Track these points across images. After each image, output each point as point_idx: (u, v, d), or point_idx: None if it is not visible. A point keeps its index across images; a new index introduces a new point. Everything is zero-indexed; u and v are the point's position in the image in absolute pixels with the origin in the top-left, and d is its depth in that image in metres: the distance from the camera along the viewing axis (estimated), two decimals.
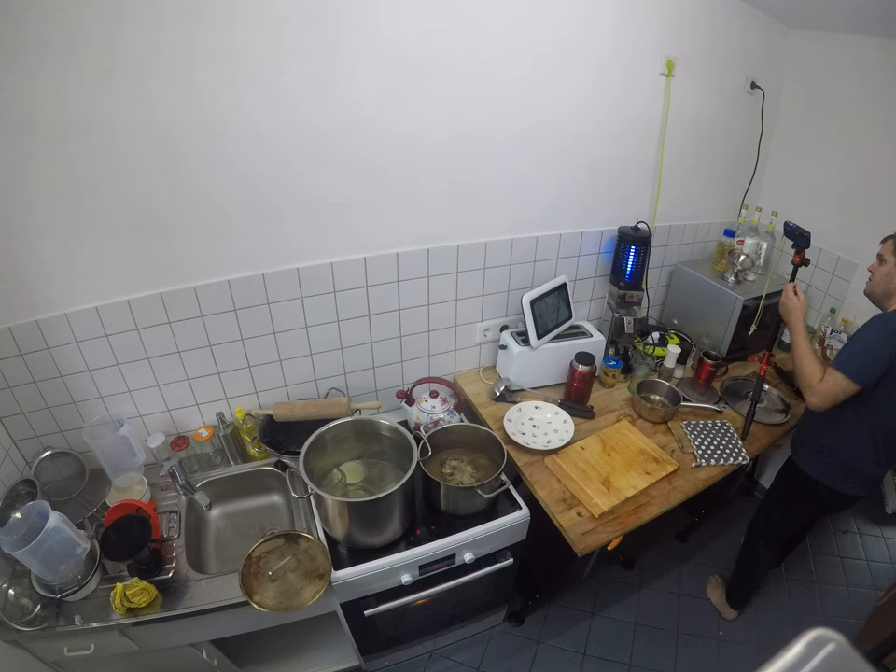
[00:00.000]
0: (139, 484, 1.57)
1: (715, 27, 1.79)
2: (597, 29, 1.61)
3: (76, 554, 1.28)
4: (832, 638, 0.32)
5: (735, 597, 2.05)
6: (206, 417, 1.74)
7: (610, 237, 2.00)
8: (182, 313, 1.51)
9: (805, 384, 1.45)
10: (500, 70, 1.53)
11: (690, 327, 2.23)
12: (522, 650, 1.98)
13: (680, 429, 1.79)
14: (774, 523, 1.83)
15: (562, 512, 1.48)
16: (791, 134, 2.11)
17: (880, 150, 1.85)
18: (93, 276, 1.39)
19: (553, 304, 1.88)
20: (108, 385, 1.56)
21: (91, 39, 1.13)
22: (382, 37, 1.36)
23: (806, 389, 1.44)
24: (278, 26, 1.25)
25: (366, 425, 1.58)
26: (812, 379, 1.42)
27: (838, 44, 1.86)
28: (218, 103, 1.28)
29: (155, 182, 1.32)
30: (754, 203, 2.22)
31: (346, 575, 1.40)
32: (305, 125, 1.39)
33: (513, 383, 1.92)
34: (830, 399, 1.40)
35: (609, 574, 2.23)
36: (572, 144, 1.75)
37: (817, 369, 1.43)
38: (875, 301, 1.49)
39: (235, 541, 1.61)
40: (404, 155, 1.54)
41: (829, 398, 1.40)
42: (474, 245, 1.78)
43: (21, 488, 1.46)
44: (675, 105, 1.83)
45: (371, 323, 1.78)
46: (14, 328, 1.37)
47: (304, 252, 1.56)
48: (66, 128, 1.19)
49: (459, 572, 1.56)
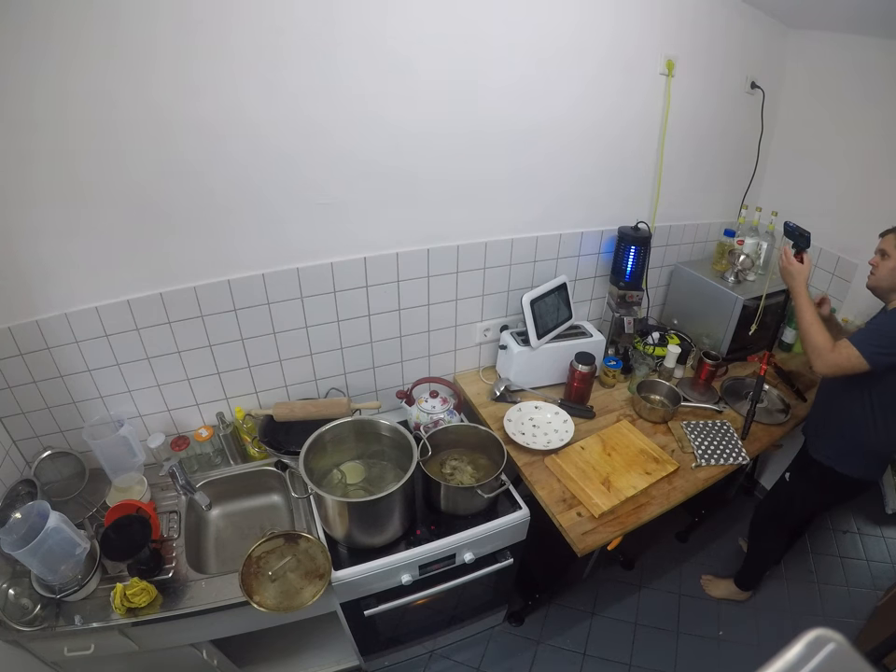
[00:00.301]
0: (139, 484, 1.57)
1: (715, 27, 1.79)
2: (597, 29, 1.61)
3: (76, 554, 1.28)
4: (832, 638, 0.32)
5: (747, 578, 2.07)
6: (206, 417, 1.74)
7: (610, 237, 2.00)
8: (182, 313, 1.51)
9: (813, 350, 1.46)
10: (501, 70, 1.53)
11: (690, 327, 2.23)
12: (522, 650, 1.98)
13: (680, 429, 1.79)
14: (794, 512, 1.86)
15: (562, 512, 1.48)
16: (791, 134, 2.11)
17: (880, 150, 1.85)
18: (93, 276, 1.39)
19: (552, 304, 1.88)
20: (108, 385, 1.56)
21: (92, 40, 1.13)
22: (382, 39, 1.36)
23: (816, 356, 1.45)
24: (280, 30, 1.26)
25: (366, 425, 1.58)
26: (823, 347, 1.43)
27: (838, 44, 1.86)
28: (218, 101, 1.28)
29: (155, 182, 1.32)
30: (754, 203, 2.22)
31: (346, 575, 1.40)
32: (306, 125, 1.39)
33: (513, 383, 1.92)
34: (838, 370, 1.42)
35: (609, 574, 2.23)
36: (573, 144, 1.75)
37: (827, 338, 1.44)
38: (879, 294, 1.51)
39: (235, 541, 1.61)
40: (404, 155, 1.54)
41: (838, 368, 1.42)
42: (474, 244, 1.78)
43: (20, 488, 1.46)
44: (675, 104, 1.83)
45: (370, 323, 1.78)
46: (14, 328, 1.37)
47: (304, 252, 1.56)
48: (66, 127, 1.19)
49: (459, 572, 1.56)
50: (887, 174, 1.84)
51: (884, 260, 1.46)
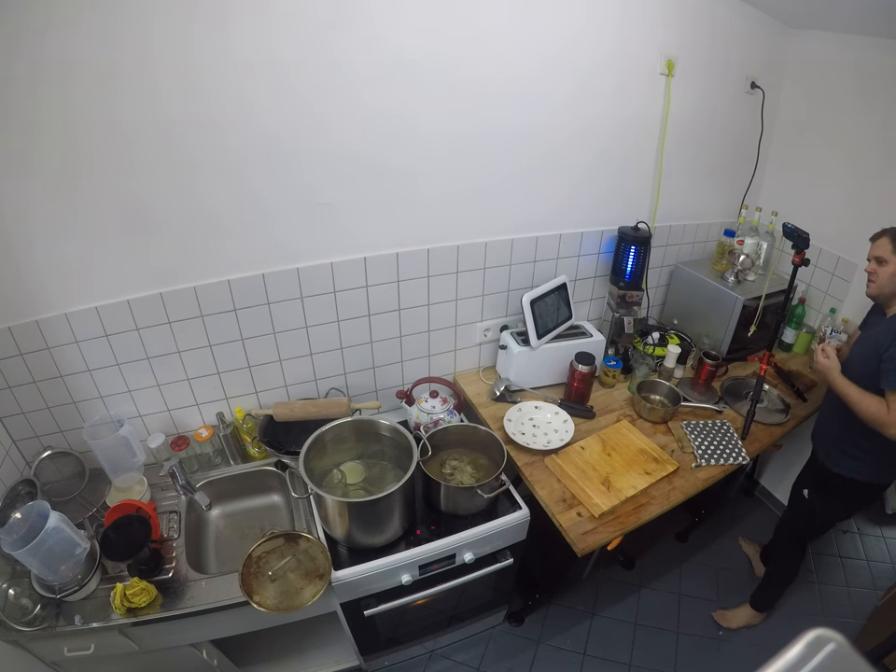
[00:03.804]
0: (139, 484, 1.57)
1: (715, 27, 1.79)
2: (597, 29, 1.61)
3: (76, 554, 1.28)
4: (832, 638, 0.32)
5: (767, 600, 2.01)
6: (206, 417, 1.74)
7: (610, 237, 2.00)
8: (182, 313, 1.51)
9: (876, 422, 1.40)
10: (501, 70, 1.53)
11: (690, 327, 2.23)
12: (522, 650, 1.98)
13: (680, 429, 1.79)
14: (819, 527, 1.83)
15: (562, 512, 1.48)
16: (791, 134, 2.11)
17: (880, 150, 1.85)
18: (93, 276, 1.39)
19: (553, 304, 1.88)
20: (108, 385, 1.56)
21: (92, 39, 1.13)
22: (381, 39, 1.36)
23: (881, 427, 1.39)
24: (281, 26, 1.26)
25: (366, 425, 1.58)
26: (880, 415, 1.38)
27: (839, 44, 1.86)
28: (222, 102, 1.29)
29: (155, 181, 1.32)
30: (754, 203, 2.22)
31: (346, 575, 1.40)
32: (307, 124, 1.39)
33: (513, 383, 1.92)
34: None
35: (609, 574, 2.23)
36: (573, 144, 1.75)
37: (879, 404, 1.39)
38: (881, 301, 1.50)
39: (235, 541, 1.61)
40: (404, 154, 1.54)
41: None
42: (474, 244, 1.78)
43: (21, 488, 1.46)
44: (675, 104, 1.83)
45: (370, 323, 1.77)
46: (14, 328, 1.37)
47: (304, 252, 1.56)
48: (67, 127, 1.19)
49: (459, 572, 1.56)
50: (887, 173, 1.84)
51: (882, 267, 1.43)
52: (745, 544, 2.35)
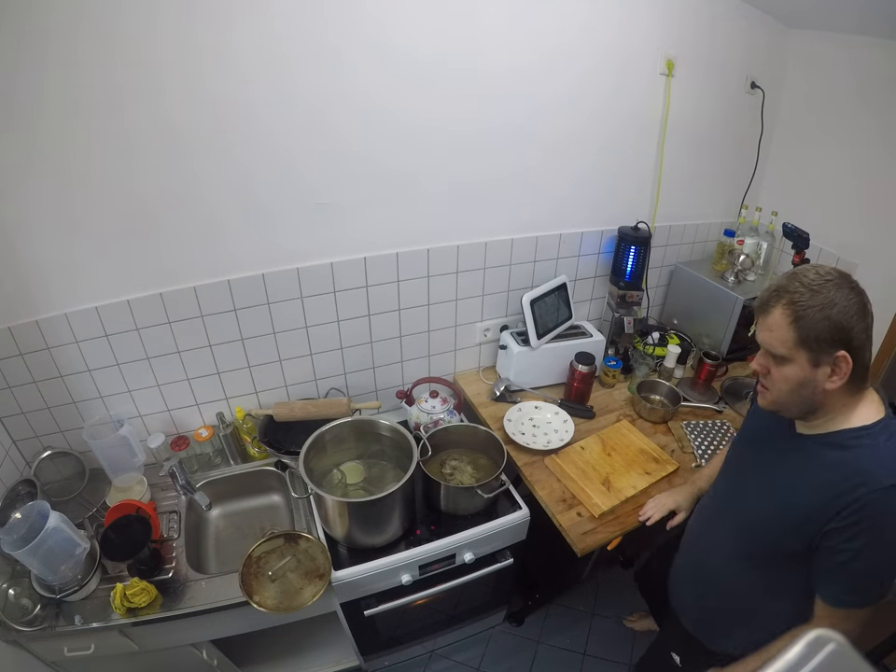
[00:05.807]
0: (139, 484, 1.57)
1: (715, 27, 1.79)
2: (596, 29, 1.60)
3: (76, 554, 1.28)
4: (832, 638, 0.32)
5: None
6: (206, 417, 1.73)
7: (610, 237, 2.00)
8: (182, 313, 1.51)
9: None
10: (501, 69, 1.53)
11: (690, 327, 2.23)
12: (522, 650, 1.98)
13: (680, 429, 1.79)
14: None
15: (562, 512, 1.48)
16: (791, 134, 2.11)
17: (880, 150, 1.85)
18: (93, 276, 1.39)
19: (552, 304, 1.88)
20: (108, 385, 1.56)
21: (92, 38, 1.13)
22: (380, 38, 1.36)
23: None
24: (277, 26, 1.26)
25: (366, 425, 1.58)
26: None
27: (839, 44, 1.86)
28: (225, 106, 1.29)
29: (155, 182, 1.32)
30: (754, 203, 2.22)
31: (346, 575, 1.40)
32: (307, 125, 1.39)
33: (513, 383, 1.92)
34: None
35: (609, 574, 2.23)
36: (572, 144, 1.75)
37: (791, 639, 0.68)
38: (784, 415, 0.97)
39: (235, 541, 1.61)
40: (404, 154, 1.54)
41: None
42: (474, 244, 1.78)
43: (20, 488, 1.46)
44: (675, 104, 1.83)
45: (370, 323, 1.77)
46: (14, 328, 1.37)
47: (304, 252, 1.56)
48: (67, 127, 1.19)
49: (459, 572, 1.55)
50: (887, 173, 1.84)
51: (781, 367, 0.90)
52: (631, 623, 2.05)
